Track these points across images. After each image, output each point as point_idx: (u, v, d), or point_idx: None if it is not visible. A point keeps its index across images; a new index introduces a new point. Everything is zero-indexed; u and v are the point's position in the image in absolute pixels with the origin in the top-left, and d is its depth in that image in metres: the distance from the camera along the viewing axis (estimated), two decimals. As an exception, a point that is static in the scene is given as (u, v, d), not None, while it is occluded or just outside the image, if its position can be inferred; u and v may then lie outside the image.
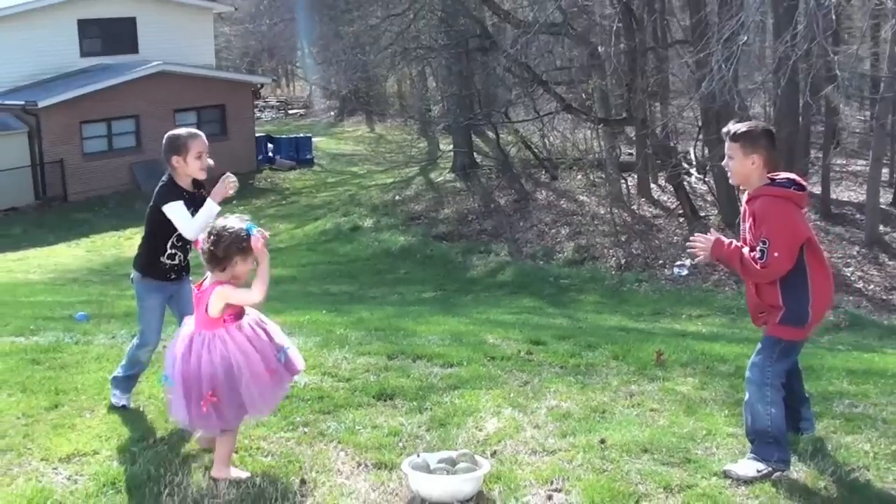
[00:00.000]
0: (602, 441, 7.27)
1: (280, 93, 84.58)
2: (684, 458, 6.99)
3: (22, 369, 9.30)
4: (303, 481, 6.56)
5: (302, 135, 54.37)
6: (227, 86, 48.37)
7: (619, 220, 31.56)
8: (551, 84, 35.66)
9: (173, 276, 7.85)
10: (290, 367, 6.71)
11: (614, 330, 15.32)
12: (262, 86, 55.81)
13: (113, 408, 8.01)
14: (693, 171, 33.56)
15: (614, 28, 31.95)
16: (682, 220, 31.43)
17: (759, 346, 7.00)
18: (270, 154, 50.90)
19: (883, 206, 31.72)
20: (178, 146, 7.68)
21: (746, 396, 6.93)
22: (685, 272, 26.69)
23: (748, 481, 6.57)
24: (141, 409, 8.04)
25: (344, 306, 17.52)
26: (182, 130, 7.86)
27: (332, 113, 71.61)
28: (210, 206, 7.57)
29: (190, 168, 7.68)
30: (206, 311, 6.41)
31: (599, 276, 27.75)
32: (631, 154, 36.89)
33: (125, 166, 42.75)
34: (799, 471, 6.81)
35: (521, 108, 39.85)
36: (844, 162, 37.50)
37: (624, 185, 34.37)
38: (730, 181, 7.16)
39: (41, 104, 39.87)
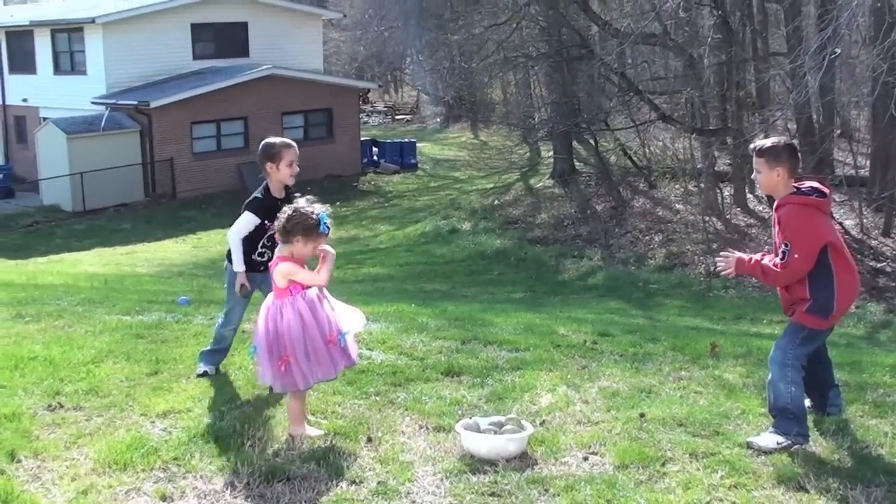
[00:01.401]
0: (642, 415, 8.02)
1: (388, 98, 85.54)
2: (714, 432, 7.70)
3: (127, 342, 10.30)
4: (369, 439, 7.41)
5: (406, 140, 55.28)
6: (335, 90, 49.40)
7: (712, 229, 31.94)
8: (647, 94, 36.14)
9: (262, 269, 8.72)
10: (347, 354, 7.50)
11: (687, 329, 15.90)
12: (369, 91, 56.90)
13: (198, 376, 9.00)
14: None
15: (709, 40, 32.35)
16: (774, 229, 31.69)
17: (785, 331, 7.73)
18: (375, 158, 51.81)
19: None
20: (272, 154, 8.58)
21: (770, 376, 7.64)
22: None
23: (768, 452, 7.27)
24: (231, 377, 8.98)
25: (434, 302, 18.26)
26: (276, 139, 8.72)
27: (438, 119, 72.38)
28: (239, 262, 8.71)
29: (281, 174, 8.59)
30: (276, 282, 7.30)
31: (687, 282, 28.17)
32: (729, 164, 37.20)
33: (232, 166, 43.92)
34: (817, 445, 7.48)
35: (622, 117, 40.26)
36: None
37: (719, 195, 34.69)
38: (759, 191, 7.89)
39: (153, 104, 41.27)
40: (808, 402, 7.83)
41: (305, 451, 7.11)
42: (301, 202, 7.37)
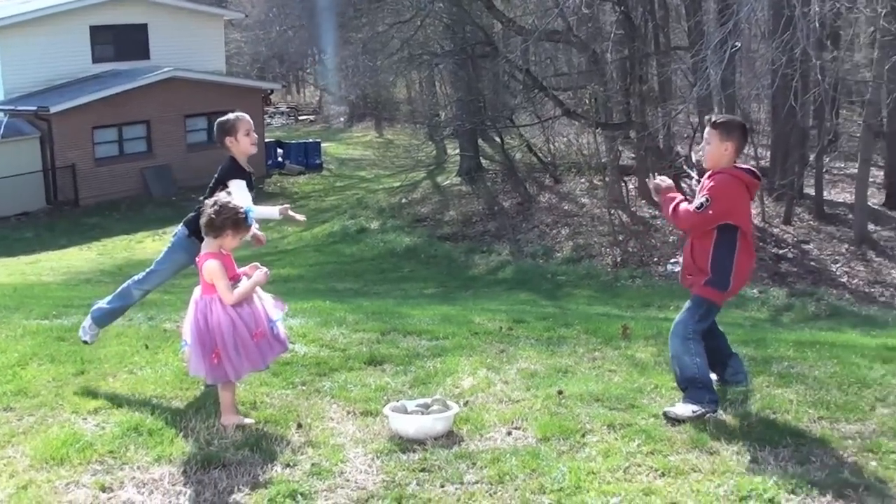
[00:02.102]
0: (560, 392, 8.35)
1: (290, 99, 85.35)
2: (630, 405, 8.07)
3: (49, 345, 10.38)
4: (299, 425, 7.63)
5: (311, 140, 55.30)
6: (238, 92, 49.14)
7: (617, 221, 32.44)
8: (552, 90, 36.56)
9: None
10: (280, 340, 7.78)
11: (598, 315, 16.29)
12: (272, 92, 56.67)
13: (80, 342, 9.30)
14: (693, 173, 34.45)
15: (612, 36, 32.81)
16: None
17: (685, 306, 8.15)
18: (280, 159, 51.79)
19: (875, 206, 32.62)
20: (228, 128, 8.77)
21: (672, 352, 8.06)
22: (678, 269, 27.72)
23: (683, 421, 7.62)
24: (159, 372, 9.13)
25: (347, 299, 18.47)
26: (229, 114, 8.93)
27: (342, 118, 72.41)
28: (272, 211, 9.14)
29: (242, 145, 8.76)
30: (205, 278, 7.51)
31: (595, 273, 28.68)
32: (633, 158, 37.70)
33: (136, 171, 43.70)
34: (727, 413, 7.88)
35: (527, 114, 40.63)
36: (843, 165, 38.25)
37: (624, 188, 35.20)
38: (703, 165, 8.23)
39: (53, 109, 40.74)
40: (714, 377, 8.21)
41: (238, 439, 7.30)
42: (222, 196, 7.60)
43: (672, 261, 28.30)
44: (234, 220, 7.42)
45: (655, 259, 29.27)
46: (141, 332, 10.87)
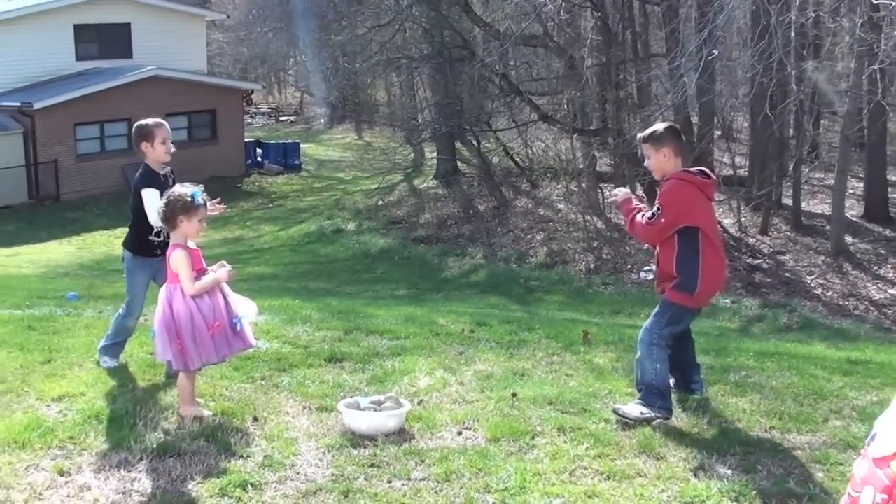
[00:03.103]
0: (514, 394, 8.52)
1: (271, 99, 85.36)
2: (582, 409, 8.21)
3: (19, 333, 10.59)
4: (255, 418, 7.81)
5: (290, 141, 55.39)
6: (218, 91, 49.44)
7: (592, 228, 32.57)
8: (529, 94, 36.72)
9: (159, 253, 9.02)
10: (242, 337, 7.93)
11: (563, 320, 16.44)
12: (253, 92, 56.85)
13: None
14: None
15: (590, 42, 32.97)
16: (653, 227, 32.33)
17: (654, 310, 8.25)
18: (259, 159, 51.85)
19: (854, 218, 32.71)
20: (145, 133, 9.00)
21: (637, 354, 8.18)
22: (651, 276, 27.90)
23: (631, 422, 7.81)
24: (123, 363, 9.32)
25: (318, 298, 18.61)
26: (149, 120, 9.16)
27: (322, 120, 72.44)
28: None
29: (157, 152, 8.97)
30: (170, 267, 7.68)
31: (568, 279, 28.81)
32: (610, 164, 37.81)
33: (117, 168, 43.70)
34: (679, 420, 8.03)
35: (504, 118, 40.74)
36: (822, 175, 38.28)
37: (600, 194, 35.32)
38: (654, 177, 8.40)
39: (36, 106, 40.95)
40: (671, 381, 8.37)
41: (195, 429, 7.47)
42: (173, 189, 7.83)
43: (645, 268, 28.44)
44: (182, 206, 7.59)
45: (629, 266, 29.42)
46: (110, 323, 11.00)
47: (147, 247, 9.08)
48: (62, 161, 42.42)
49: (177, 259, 7.60)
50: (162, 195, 8.49)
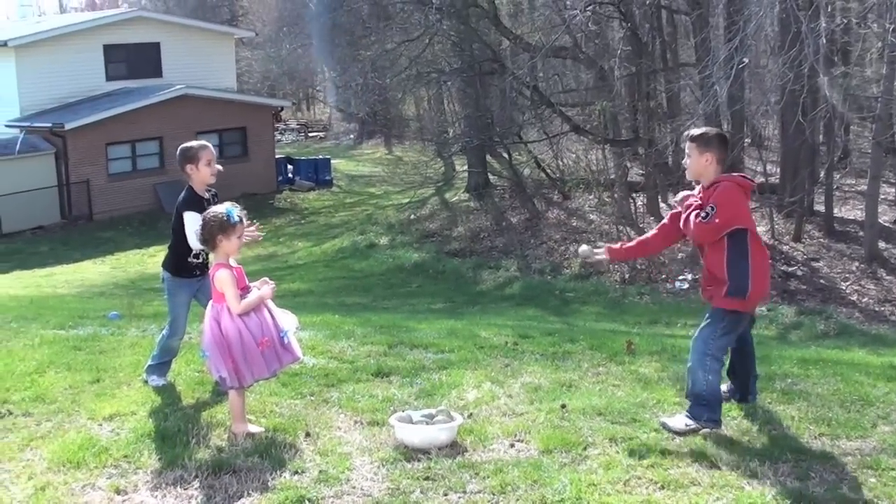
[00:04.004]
0: (563, 406, 8.52)
1: (300, 116, 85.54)
2: (632, 419, 8.22)
3: (66, 353, 10.64)
4: (307, 434, 7.84)
5: (321, 157, 55.57)
6: (248, 109, 49.58)
7: (626, 238, 32.44)
8: (560, 106, 36.70)
9: (198, 273, 9.12)
10: (290, 350, 7.96)
11: (604, 331, 16.42)
12: (283, 109, 56.85)
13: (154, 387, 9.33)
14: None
15: (619, 52, 32.93)
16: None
17: (706, 318, 8.18)
18: (290, 175, 51.99)
19: (886, 224, 32.54)
20: (190, 156, 9.04)
21: (689, 363, 8.12)
22: (686, 286, 27.84)
23: (677, 433, 7.81)
24: (171, 382, 9.36)
25: (356, 313, 18.63)
26: (193, 142, 9.23)
27: (352, 135, 72.62)
28: None
29: (202, 174, 9.02)
30: (215, 287, 7.74)
31: (603, 290, 28.71)
32: (642, 174, 37.72)
33: (149, 186, 43.94)
34: (729, 428, 8.02)
35: (535, 130, 40.68)
36: (854, 182, 38.09)
37: (633, 204, 35.26)
38: (687, 176, 8.42)
39: (68, 126, 41.19)
40: (724, 388, 8.39)
41: (248, 446, 7.51)
42: (207, 210, 7.90)
43: (680, 278, 28.42)
44: (219, 225, 7.66)
45: (664, 276, 29.30)
46: (154, 342, 11.03)
47: (186, 268, 9.14)
48: (94, 181, 42.61)
49: (221, 279, 7.65)
50: None
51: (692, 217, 8.04)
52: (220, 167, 9.17)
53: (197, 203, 8.92)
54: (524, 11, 49.47)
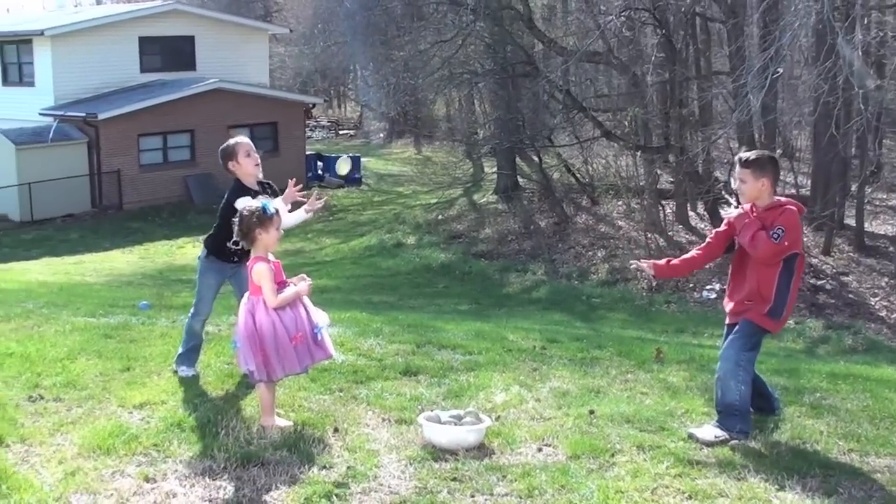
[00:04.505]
0: (591, 412, 8.53)
1: (331, 113, 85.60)
2: (660, 427, 8.22)
3: (97, 341, 10.70)
4: (336, 429, 7.87)
5: (351, 154, 55.61)
6: (280, 104, 49.72)
7: (654, 245, 32.40)
8: (591, 111, 36.65)
9: (235, 260, 9.15)
10: (323, 347, 7.99)
11: (631, 338, 16.40)
12: (314, 105, 56.95)
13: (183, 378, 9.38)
14: (732, 200, 34.31)
15: (653, 59, 32.86)
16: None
17: (737, 331, 8.21)
18: (320, 172, 52.06)
19: (917, 239, 32.47)
20: (229, 153, 9.11)
21: (720, 373, 8.15)
22: (713, 295, 27.75)
23: (707, 444, 7.80)
24: (201, 372, 9.43)
25: (383, 312, 18.65)
26: (229, 140, 9.28)
27: (382, 134, 72.59)
28: (300, 215, 9.29)
29: (245, 166, 9.07)
30: (252, 280, 7.76)
31: (630, 297, 28.65)
32: (672, 182, 37.66)
33: (179, 178, 44.17)
34: (756, 441, 8.01)
35: (566, 134, 40.65)
36: (885, 196, 37.87)
37: (662, 212, 35.19)
38: (741, 201, 8.41)
39: (101, 116, 41.43)
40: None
41: (277, 439, 7.54)
42: (242, 205, 8.01)
43: (707, 287, 28.34)
44: (258, 219, 7.70)
45: (691, 285, 29.20)
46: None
47: (224, 251, 9.17)
48: (125, 171, 42.79)
49: (259, 272, 7.68)
50: None
51: (760, 235, 8.00)
52: (259, 157, 9.21)
53: (244, 191, 8.99)
54: (558, 15, 49.49)
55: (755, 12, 33.38)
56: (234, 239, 8.55)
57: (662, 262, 8.92)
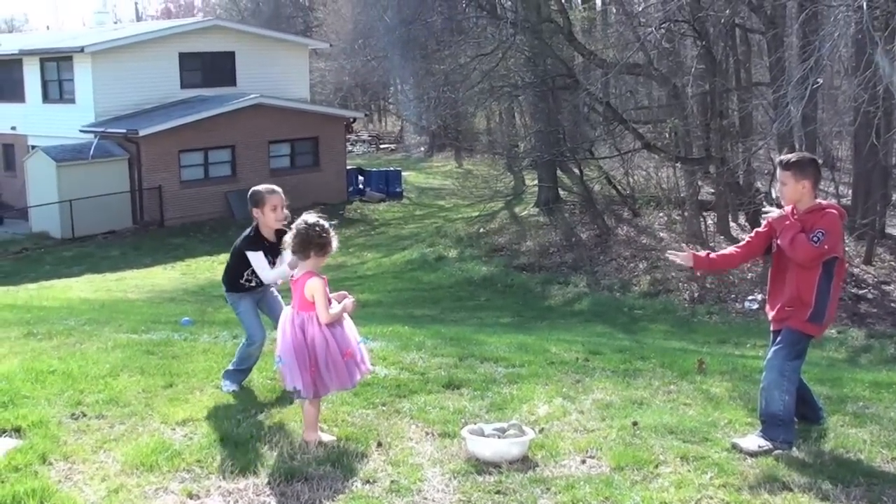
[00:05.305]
0: (635, 423, 8.50)
1: (372, 127, 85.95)
2: (703, 438, 8.18)
3: (139, 358, 10.76)
4: (379, 444, 7.87)
5: (392, 168, 55.75)
6: (321, 119, 49.91)
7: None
8: (632, 123, 36.62)
9: (255, 286, 9.30)
10: (364, 362, 8.07)
11: (674, 349, 16.35)
12: (355, 120, 57.15)
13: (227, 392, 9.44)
14: (772, 209, 34.18)
15: (693, 70, 32.81)
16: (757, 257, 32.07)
17: (780, 340, 8.19)
18: (361, 186, 52.21)
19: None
20: (256, 200, 9.15)
21: (764, 383, 8.14)
22: (755, 306, 27.63)
23: (750, 454, 7.76)
24: (243, 389, 9.49)
25: (425, 325, 18.66)
26: (262, 186, 9.30)
27: (423, 148, 72.79)
28: (284, 269, 8.84)
29: (267, 219, 9.12)
30: (303, 295, 7.75)
31: (672, 308, 28.59)
32: (713, 193, 37.56)
33: (220, 194, 44.34)
34: (800, 450, 7.96)
35: (606, 146, 40.63)
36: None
37: (703, 223, 35.10)
38: (782, 204, 8.40)
39: (142, 133, 41.66)
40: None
41: (320, 454, 7.56)
42: (310, 221, 7.87)
43: (750, 298, 28.22)
44: (319, 243, 7.80)
45: (733, 295, 29.11)
46: (226, 349, 11.20)
47: (240, 285, 9.36)
48: (166, 187, 43.05)
49: (313, 287, 7.71)
50: (267, 256, 9.00)
51: (799, 238, 7.97)
52: (287, 213, 9.17)
53: (258, 244, 9.09)
54: (598, 27, 49.55)
55: (795, 23, 33.20)
56: (246, 277, 8.70)
57: (702, 253, 9.03)
